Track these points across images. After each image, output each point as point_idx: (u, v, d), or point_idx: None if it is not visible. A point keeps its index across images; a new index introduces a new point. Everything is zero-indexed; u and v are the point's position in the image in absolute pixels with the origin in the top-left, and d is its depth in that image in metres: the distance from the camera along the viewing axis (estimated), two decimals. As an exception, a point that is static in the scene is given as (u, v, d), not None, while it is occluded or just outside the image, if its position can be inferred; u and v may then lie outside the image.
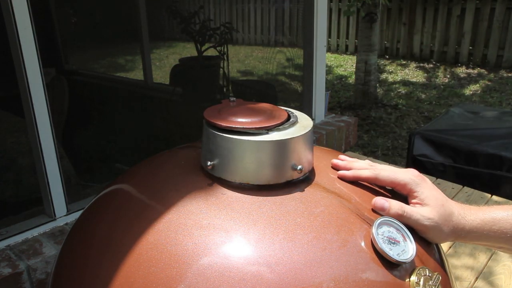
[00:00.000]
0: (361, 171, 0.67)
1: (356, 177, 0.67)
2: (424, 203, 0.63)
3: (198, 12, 3.00)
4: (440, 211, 0.62)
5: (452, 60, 6.05)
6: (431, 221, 0.61)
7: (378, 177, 0.66)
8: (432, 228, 0.61)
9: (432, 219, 0.61)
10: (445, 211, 0.63)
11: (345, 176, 0.68)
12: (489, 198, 1.76)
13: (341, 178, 0.68)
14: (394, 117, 4.25)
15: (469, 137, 2.36)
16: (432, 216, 0.61)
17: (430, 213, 0.62)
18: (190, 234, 0.56)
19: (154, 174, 0.71)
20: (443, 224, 0.62)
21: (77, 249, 0.64)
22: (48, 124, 1.62)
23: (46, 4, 3.20)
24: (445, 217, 0.62)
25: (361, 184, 0.68)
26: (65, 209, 1.72)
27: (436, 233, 0.62)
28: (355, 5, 4.09)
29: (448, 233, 0.63)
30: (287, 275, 0.52)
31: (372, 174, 0.66)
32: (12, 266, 1.46)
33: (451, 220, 0.63)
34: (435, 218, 0.61)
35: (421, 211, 0.62)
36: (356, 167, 0.68)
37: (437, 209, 0.62)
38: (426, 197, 0.63)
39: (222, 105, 0.69)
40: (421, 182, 0.64)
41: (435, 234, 0.62)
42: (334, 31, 7.09)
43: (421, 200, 0.63)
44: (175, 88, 3.21)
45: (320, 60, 2.74)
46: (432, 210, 0.62)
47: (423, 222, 0.61)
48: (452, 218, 0.63)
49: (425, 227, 0.62)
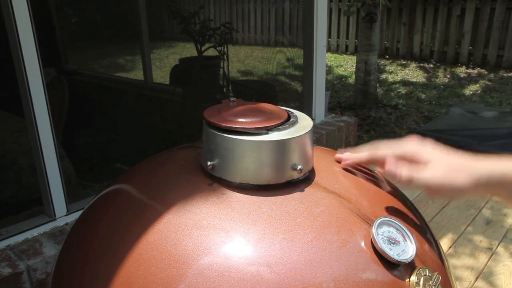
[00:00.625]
0: (360, 155, 0.69)
1: (357, 162, 0.70)
2: (429, 164, 0.63)
3: (198, 12, 2.99)
4: (448, 166, 0.62)
5: (452, 60, 6.05)
6: (441, 178, 0.61)
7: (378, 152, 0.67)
8: (445, 184, 0.61)
9: (441, 176, 0.61)
10: (452, 164, 0.62)
11: (348, 164, 0.70)
12: (489, 198, 1.76)
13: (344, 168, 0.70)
14: (394, 117, 4.25)
15: (469, 137, 2.36)
16: (441, 172, 0.61)
17: (438, 171, 0.61)
18: (190, 234, 0.56)
19: (154, 174, 0.71)
20: (455, 176, 0.61)
21: (77, 249, 0.64)
22: (48, 124, 1.62)
23: (46, 4, 3.20)
24: (455, 169, 0.62)
25: (361, 184, 0.68)
26: (65, 209, 1.72)
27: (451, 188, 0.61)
28: (355, 5, 4.08)
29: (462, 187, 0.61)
30: (287, 275, 0.52)
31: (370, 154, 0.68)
32: (12, 266, 1.46)
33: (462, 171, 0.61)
34: (444, 174, 0.61)
35: (429, 172, 0.62)
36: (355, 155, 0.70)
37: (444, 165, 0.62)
38: (429, 158, 0.63)
39: (222, 105, 0.69)
40: (421, 147, 0.65)
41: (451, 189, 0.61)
42: (334, 31, 7.09)
43: (425, 163, 0.63)
44: (175, 88, 3.21)
45: (320, 60, 2.74)
46: (439, 168, 0.62)
47: (434, 181, 0.61)
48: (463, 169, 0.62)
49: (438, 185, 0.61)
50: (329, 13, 6.75)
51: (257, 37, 3.90)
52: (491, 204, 1.72)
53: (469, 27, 5.83)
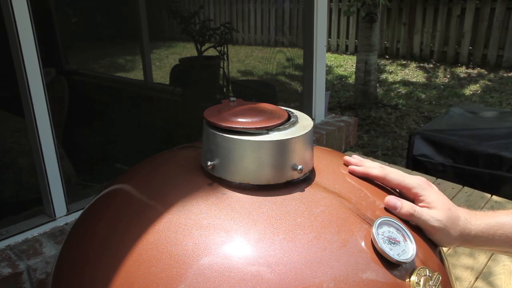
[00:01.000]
0: (371, 169, 0.69)
1: (366, 173, 0.69)
2: (431, 206, 0.64)
3: (198, 12, 2.99)
4: (448, 214, 0.63)
5: (452, 60, 6.05)
6: (440, 222, 0.62)
7: (386, 177, 0.67)
8: (441, 229, 0.63)
9: (441, 220, 0.62)
10: (452, 214, 0.64)
11: (355, 171, 0.69)
12: (489, 198, 1.76)
13: (351, 172, 0.70)
14: (394, 117, 4.25)
15: (469, 137, 2.36)
16: (440, 218, 0.63)
17: (439, 215, 0.63)
18: (190, 234, 0.56)
19: (154, 174, 0.71)
20: (450, 227, 0.63)
21: (77, 249, 0.64)
22: (48, 124, 1.62)
23: (46, 4, 3.20)
24: (453, 220, 0.63)
25: (361, 184, 0.68)
26: (65, 209, 1.72)
27: (444, 235, 0.63)
28: (355, 5, 4.09)
29: (455, 236, 0.64)
30: (287, 275, 0.52)
31: (381, 173, 0.68)
32: (12, 266, 1.46)
33: (458, 224, 0.64)
34: (443, 220, 0.63)
35: (430, 213, 0.63)
36: (367, 165, 0.70)
37: (445, 212, 0.63)
38: (433, 201, 0.64)
39: (222, 105, 0.69)
40: (428, 187, 0.66)
41: (443, 236, 0.63)
42: (334, 31, 7.09)
43: (428, 204, 0.64)
44: (175, 88, 3.21)
45: (320, 60, 2.74)
46: (440, 213, 0.63)
47: (432, 223, 0.62)
48: (459, 222, 0.64)
49: (434, 228, 0.63)
50: (329, 13, 6.76)
51: (257, 37, 3.90)
52: (491, 204, 1.72)
53: (469, 27, 5.83)
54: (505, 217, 0.65)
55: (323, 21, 2.69)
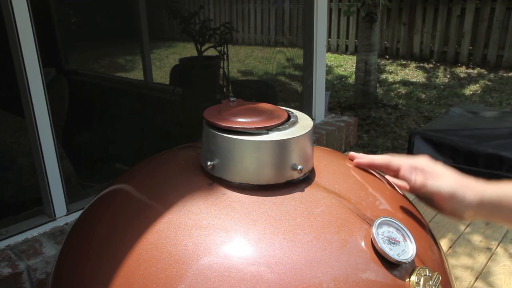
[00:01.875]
0: (375, 158, 0.72)
1: (371, 163, 0.72)
2: (441, 176, 0.65)
3: (198, 12, 2.99)
4: (458, 180, 0.65)
5: (452, 60, 6.05)
6: (452, 188, 0.64)
7: (391, 162, 0.70)
8: (454, 196, 0.63)
9: (452, 186, 0.64)
10: (462, 182, 0.65)
11: (360, 163, 0.73)
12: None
13: (357, 165, 0.73)
14: (394, 117, 4.25)
15: (469, 137, 2.36)
16: (452, 184, 0.64)
17: (450, 182, 0.64)
18: (190, 234, 0.56)
19: (154, 174, 0.71)
20: (462, 193, 0.64)
21: (77, 249, 0.64)
22: (48, 124, 1.62)
23: (46, 4, 3.20)
24: (463, 187, 0.64)
25: (361, 184, 0.68)
26: (65, 209, 1.72)
27: (457, 202, 0.64)
28: (355, 5, 4.08)
29: (468, 203, 0.64)
30: (287, 275, 0.52)
31: (385, 159, 0.71)
32: (12, 266, 1.46)
33: (468, 190, 0.64)
34: (455, 186, 0.64)
35: (442, 181, 0.64)
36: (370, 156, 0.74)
37: (455, 179, 0.65)
38: (442, 173, 0.66)
39: (222, 105, 0.69)
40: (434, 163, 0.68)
41: (456, 204, 0.64)
42: (334, 31, 7.09)
43: (437, 175, 0.66)
44: (175, 88, 3.20)
45: (320, 60, 2.74)
46: (451, 180, 0.65)
47: (445, 189, 0.64)
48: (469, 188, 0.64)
49: (448, 195, 0.64)
50: (329, 13, 6.75)
51: (257, 37, 3.90)
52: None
53: (469, 27, 5.82)
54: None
55: (323, 21, 2.69)
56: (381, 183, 0.72)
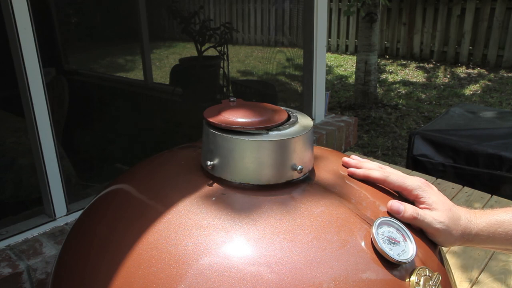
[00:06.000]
0: (371, 171, 0.68)
1: (366, 176, 0.68)
2: (432, 208, 0.64)
3: (198, 12, 2.99)
4: (449, 214, 0.64)
5: (452, 60, 6.05)
6: (443, 224, 0.63)
7: (387, 179, 0.67)
8: (443, 231, 0.63)
9: (443, 222, 0.63)
10: (453, 215, 0.64)
11: (355, 173, 0.69)
12: (489, 198, 1.76)
13: (351, 175, 0.69)
14: (394, 117, 4.25)
15: (469, 137, 2.36)
16: (442, 219, 0.63)
17: (441, 217, 0.63)
18: (190, 234, 0.56)
19: (154, 174, 0.71)
20: (452, 227, 0.63)
21: (77, 249, 0.64)
22: (48, 124, 1.62)
23: (46, 4, 3.19)
24: (454, 220, 0.64)
25: (361, 184, 0.68)
26: (65, 209, 1.72)
27: (446, 236, 0.63)
28: (355, 5, 4.09)
29: (457, 236, 0.64)
30: (287, 275, 0.52)
31: (382, 175, 0.67)
32: (12, 266, 1.46)
33: (459, 224, 0.64)
34: (445, 221, 0.63)
35: (433, 214, 0.63)
36: (367, 167, 0.70)
37: (446, 213, 0.63)
38: (434, 202, 0.64)
39: (222, 105, 0.69)
40: (428, 189, 0.66)
41: (445, 237, 0.64)
42: (334, 31, 7.09)
43: (429, 205, 0.64)
44: (175, 88, 3.20)
45: (320, 60, 2.74)
46: (442, 214, 0.63)
47: (435, 225, 0.62)
48: (460, 222, 0.64)
49: (437, 230, 0.63)
50: (329, 13, 6.75)
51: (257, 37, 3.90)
52: (491, 203, 1.72)
53: (469, 27, 5.83)
54: (504, 215, 0.65)
55: (323, 21, 2.69)
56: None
